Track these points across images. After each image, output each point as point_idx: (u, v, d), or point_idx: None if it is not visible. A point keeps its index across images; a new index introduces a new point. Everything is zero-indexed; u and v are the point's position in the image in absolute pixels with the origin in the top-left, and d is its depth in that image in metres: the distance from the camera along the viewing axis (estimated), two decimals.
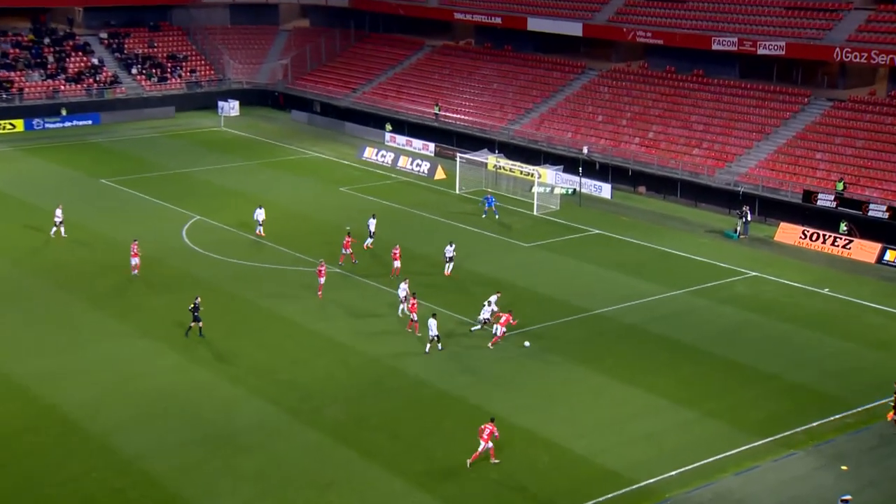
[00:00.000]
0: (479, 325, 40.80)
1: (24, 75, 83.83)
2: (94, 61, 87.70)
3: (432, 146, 73.27)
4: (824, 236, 52.77)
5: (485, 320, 40.46)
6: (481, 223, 56.27)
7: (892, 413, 34.06)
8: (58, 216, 51.97)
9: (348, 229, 55.10)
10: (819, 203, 54.82)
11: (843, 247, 52.06)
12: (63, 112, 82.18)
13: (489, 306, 40.52)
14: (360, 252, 50.28)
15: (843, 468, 31.01)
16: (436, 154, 72.46)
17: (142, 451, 31.60)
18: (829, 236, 52.65)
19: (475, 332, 40.71)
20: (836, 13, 63.84)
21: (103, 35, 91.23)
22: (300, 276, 47.52)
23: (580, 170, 62.46)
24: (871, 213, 53.00)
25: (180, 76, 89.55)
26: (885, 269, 50.04)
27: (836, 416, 34.27)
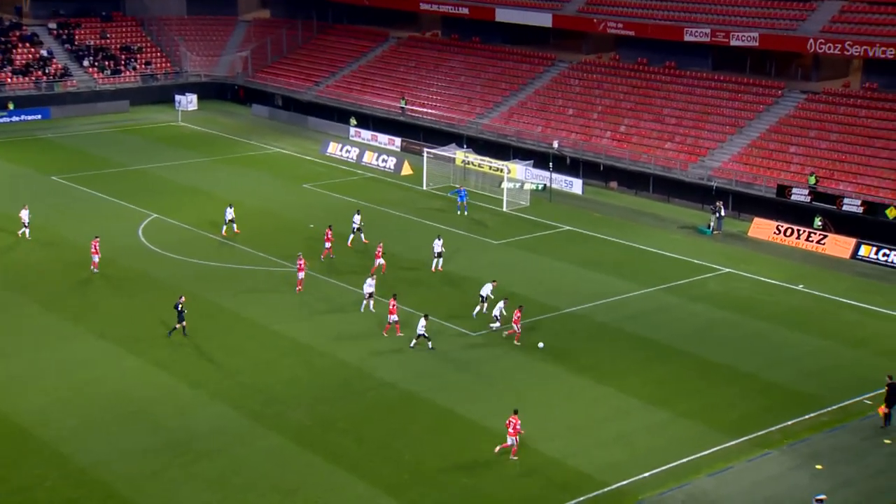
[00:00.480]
0: (495, 323, 40.26)
1: None
2: (43, 53, 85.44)
3: (398, 141, 72.28)
4: (798, 231, 52.35)
5: (496, 317, 40.13)
6: (449, 220, 55.42)
7: (883, 406, 33.78)
8: (24, 217, 50.49)
9: (311, 226, 54.00)
10: (793, 198, 54.44)
11: (818, 242, 51.66)
12: (10, 106, 79.95)
13: (499, 311, 40.12)
14: (345, 249, 49.40)
15: (818, 467, 30.79)
16: (402, 149, 71.47)
17: (98, 459, 30.75)
18: (804, 231, 52.24)
19: (492, 329, 40.28)
20: (809, 3, 63.56)
21: (52, 25, 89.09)
22: (263, 276, 46.59)
23: (550, 165, 61.78)
24: (845, 208, 52.69)
25: (135, 69, 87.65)
26: (859, 264, 49.76)
27: (811, 415, 34.07)
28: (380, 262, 46.28)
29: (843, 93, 61.19)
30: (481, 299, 41.75)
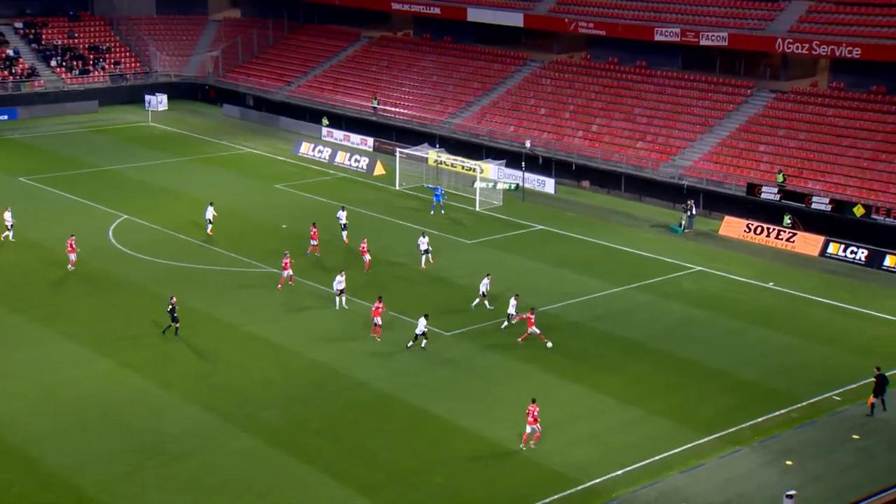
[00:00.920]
0: (507, 321, 40.37)
1: None
2: (10, 52, 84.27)
3: (371, 141, 72.10)
4: (768, 229, 52.74)
5: (510, 315, 40.17)
6: (423, 220, 55.29)
7: (871, 397, 34.26)
8: (8, 219, 49.81)
9: (284, 227, 53.81)
10: (763, 196, 54.81)
11: (787, 240, 52.05)
12: None
13: (512, 308, 40.11)
14: (327, 247, 49.38)
15: (788, 463, 30.96)
16: (375, 149, 71.30)
17: (67, 463, 30.39)
18: (773, 229, 52.63)
19: (503, 328, 40.35)
20: (777, 4, 64.00)
21: (18, 24, 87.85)
22: (235, 277, 46.27)
23: (523, 164, 61.84)
24: (814, 206, 53.08)
25: (103, 69, 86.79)
26: (828, 261, 50.17)
27: (782, 412, 34.24)
28: (367, 257, 46.70)
29: (810, 92, 61.70)
30: (481, 294, 42.09)
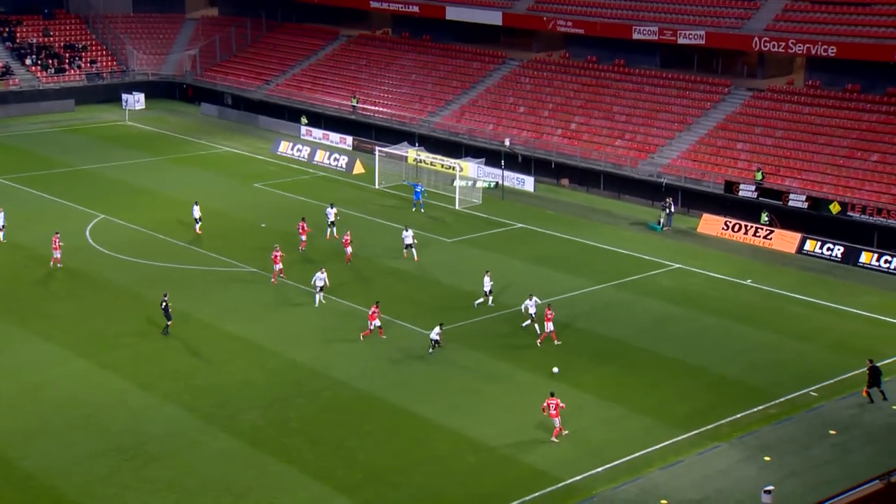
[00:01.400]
0: (530, 320, 40.17)
1: None
2: None
3: (350, 140, 72.01)
4: (746, 227, 53.03)
5: (531, 315, 40.02)
6: (403, 218, 55.23)
7: (865, 389, 34.70)
8: None
9: (263, 226, 53.77)
10: (741, 194, 55.10)
11: (765, 237, 52.36)
12: None
13: (531, 307, 39.98)
14: (314, 243, 49.48)
15: (766, 459, 31.12)
16: (354, 148, 71.21)
17: (45, 465, 30.22)
18: (751, 227, 52.92)
19: (527, 327, 40.19)
20: (753, 2, 64.35)
21: None
22: (214, 277, 46.15)
23: (502, 163, 61.92)
24: (790, 203, 53.38)
25: (79, 67, 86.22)
26: (805, 258, 50.50)
27: (760, 408, 34.39)
28: (349, 249, 47.09)
29: (787, 90, 62.06)
30: (485, 293, 42.22)
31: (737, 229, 53.26)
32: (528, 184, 62.37)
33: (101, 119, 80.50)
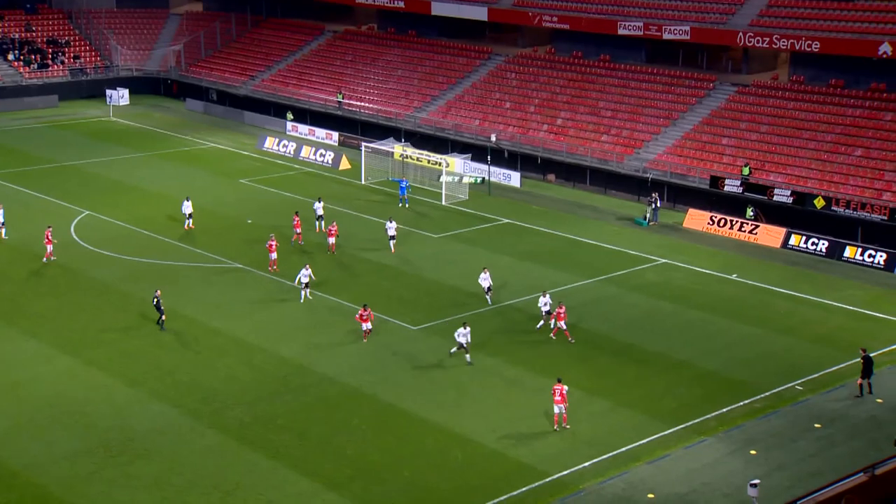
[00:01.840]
0: (543, 321, 40.06)
1: None
2: None
3: (336, 135, 71.88)
4: (731, 222, 53.21)
5: (545, 314, 39.91)
6: (389, 214, 55.13)
7: (860, 379, 34.90)
8: None
9: (249, 221, 53.76)
10: (726, 189, 55.29)
11: (750, 232, 52.55)
12: None
13: (544, 305, 39.88)
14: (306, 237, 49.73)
15: (752, 453, 31.24)
16: (340, 143, 71.08)
17: (30, 462, 30.08)
18: (736, 222, 53.10)
19: (540, 328, 40.06)
20: None
21: None
22: (200, 273, 46.00)
23: (489, 158, 61.94)
24: (775, 198, 53.60)
25: (63, 63, 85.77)
26: (790, 253, 50.70)
27: (746, 402, 34.52)
28: (331, 240, 47.33)
29: (772, 85, 62.29)
30: (486, 290, 42.11)
31: (722, 224, 53.44)
32: (514, 179, 62.42)
33: (86, 115, 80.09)
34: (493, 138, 64.63)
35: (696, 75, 65.49)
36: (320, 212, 51.62)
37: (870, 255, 48.66)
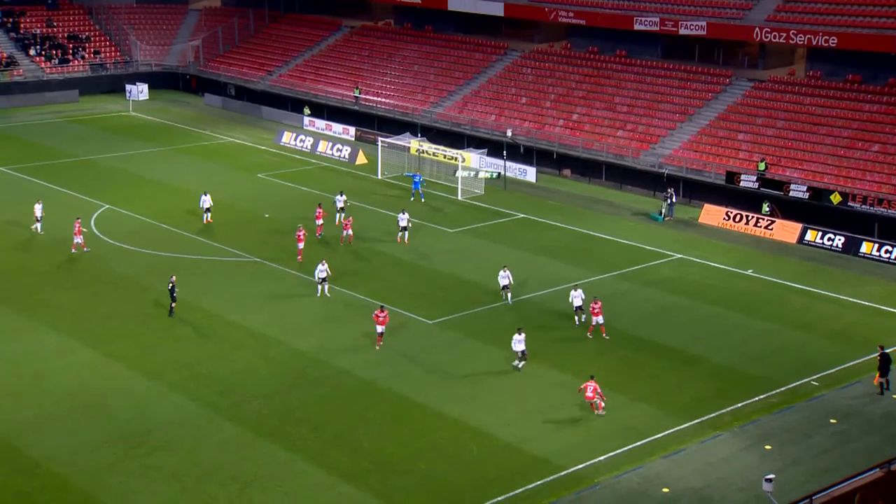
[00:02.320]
0: (577, 319, 40.07)
1: None
2: None
3: (353, 130, 72.13)
4: (747, 217, 53.17)
5: (575, 308, 39.96)
6: (405, 208, 55.33)
7: (878, 376, 34.83)
8: (37, 212, 49.54)
9: (267, 216, 54.10)
10: (742, 184, 55.24)
11: (766, 227, 52.51)
12: None
13: (576, 299, 39.83)
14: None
15: (767, 447, 31.27)
16: (357, 138, 71.34)
17: (51, 453, 30.39)
18: (752, 217, 53.07)
19: (578, 324, 40.04)
20: None
21: None
22: (218, 267, 46.32)
23: (504, 153, 62.02)
24: (792, 194, 53.53)
25: (83, 58, 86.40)
26: (806, 248, 50.63)
27: (761, 397, 34.56)
28: (347, 233, 48.01)
29: (788, 81, 62.13)
30: (503, 288, 41.98)
31: (738, 219, 53.41)
32: (530, 174, 62.51)
33: (105, 109, 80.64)
34: (509, 133, 64.72)
35: (712, 71, 65.38)
36: (341, 204, 52.19)
37: (886, 251, 48.56)
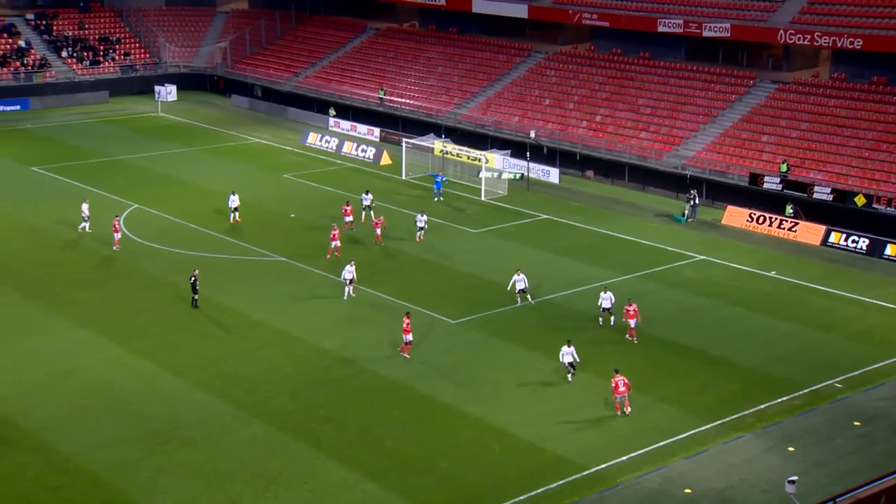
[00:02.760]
0: (601, 320, 40.14)
1: None
2: (21, 44, 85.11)
3: (377, 131, 72.51)
4: (770, 219, 53.09)
5: (603, 309, 39.97)
6: (428, 208, 55.59)
7: None
8: (84, 211, 50.16)
9: (293, 216, 54.53)
10: (765, 186, 55.16)
11: (789, 229, 52.42)
12: None
13: (607, 301, 39.80)
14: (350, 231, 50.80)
15: (790, 449, 31.25)
16: (381, 139, 71.71)
17: (80, 448, 30.83)
18: (775, 219, 52.99)
19: (613, 326, 40.06)
20: None
21: (30, 16, 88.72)
22: (244, 266, 46.73)
23: (528, 154, 62.17)
24: (815, 196, 53.40)
25: (113, 59, 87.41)
26: (829, 250, 50.50)
27: (783, 399, 34.53)
28: (377, 231, 48.72)
29: (812, 83, 61.96)
30: (518, 291, 41.85)
31: (761, 221, 53.36)
32: (553, 175, 62.65)
33: (135, 110, 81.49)
34: (533, 135, 64.89)
35: (735, 73, 65.29)
36: (367, 202, 52.74)
37: None
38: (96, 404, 33.52)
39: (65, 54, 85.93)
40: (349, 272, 42.41)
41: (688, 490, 28.96)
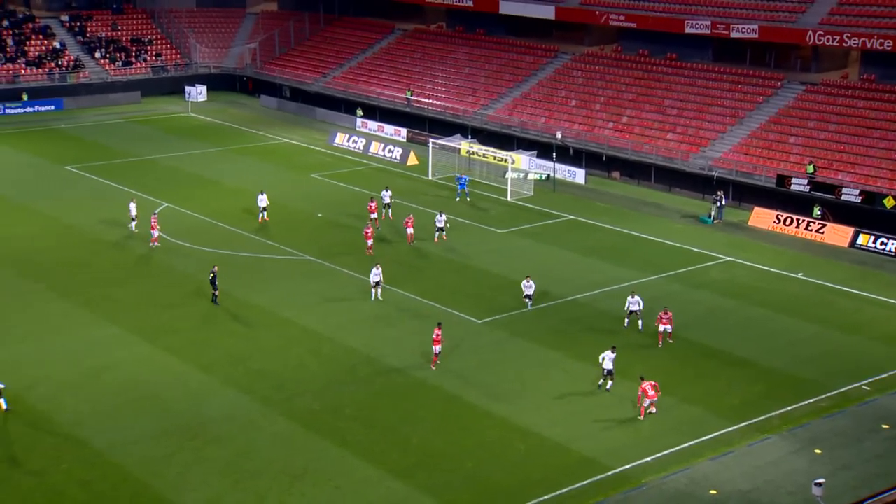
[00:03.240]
0: (628, 321, 40.21)
1: None
2: (56, 45, 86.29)
3: (404, 131, 72.80)
4: (798, 220, 52.87)
5: (630, 312, 39.94)
6: (455, 209, 55.86)
7: None
8: (132, 211, 50.71)
9: (320, 215, 54.86)
10: (793, 187, 54.94)
11: (817, 231, 52.19)
12: (24, 97, 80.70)
13: (633, 305, 39.78)
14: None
15: (817, 452, 31.15)
16: (408, 139, 71.99)
17: (111, 443, 31.22)
18: (803, 220, 52.75)
19: (628, 326, 40.19)
20: None
21: (64, 18, 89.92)
22: (272, 265, 47.08)
23: (554, 155, 62.24)
24: (843, 197, 53.13)
25: (145, 60, 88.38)
26: (857, 252, 50.23)
27: (810, 401, 34.41)
28: (410, 230, 49.07)
29: (841, 84, 61.62)
30: (527, 297, 41.92)
31: (788, 223, 53.15)
32: (579, 176, 62.68)
33: (166, 110, 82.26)
34: (559, 135, 64.94)
35: (763, 74, 65.04)
36: (387, 200, 53.12)
37: None
38: (126, 400, 33.91)
39: (98, 55, 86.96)
40: (376, 275, 42.42)
41: (713, 491, 28.94)
